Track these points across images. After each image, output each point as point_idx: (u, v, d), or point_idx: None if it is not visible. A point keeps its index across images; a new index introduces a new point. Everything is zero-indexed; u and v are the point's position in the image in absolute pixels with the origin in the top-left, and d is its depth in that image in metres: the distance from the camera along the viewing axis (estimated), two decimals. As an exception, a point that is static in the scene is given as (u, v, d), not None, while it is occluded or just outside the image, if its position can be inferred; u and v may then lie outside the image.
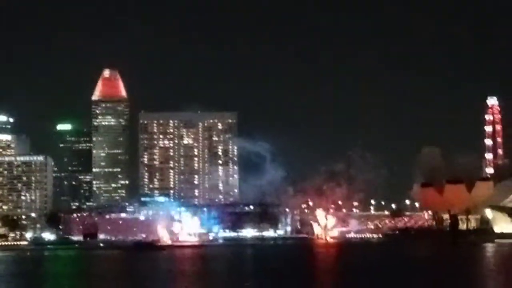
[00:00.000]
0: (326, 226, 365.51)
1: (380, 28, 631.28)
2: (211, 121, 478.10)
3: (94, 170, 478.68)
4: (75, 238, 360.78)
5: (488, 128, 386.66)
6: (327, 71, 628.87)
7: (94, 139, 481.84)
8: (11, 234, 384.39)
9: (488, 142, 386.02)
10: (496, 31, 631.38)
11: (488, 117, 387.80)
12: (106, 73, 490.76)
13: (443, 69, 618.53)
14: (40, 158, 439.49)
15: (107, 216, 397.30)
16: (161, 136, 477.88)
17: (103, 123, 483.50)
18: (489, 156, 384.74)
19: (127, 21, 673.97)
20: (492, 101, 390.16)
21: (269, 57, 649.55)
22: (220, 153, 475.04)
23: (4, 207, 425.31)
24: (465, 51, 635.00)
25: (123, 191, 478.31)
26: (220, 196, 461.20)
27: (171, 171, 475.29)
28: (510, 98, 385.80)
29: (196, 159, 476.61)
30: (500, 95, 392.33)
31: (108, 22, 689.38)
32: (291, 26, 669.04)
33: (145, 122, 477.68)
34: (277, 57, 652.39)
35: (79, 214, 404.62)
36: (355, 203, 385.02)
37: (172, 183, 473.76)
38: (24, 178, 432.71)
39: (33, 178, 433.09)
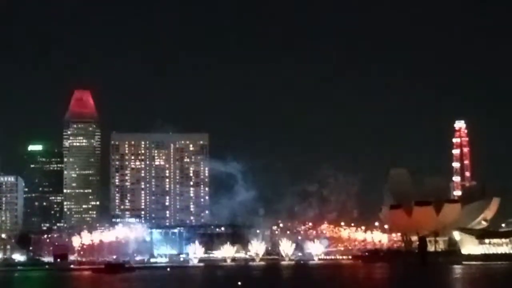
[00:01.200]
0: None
1: (356, 55, 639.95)
2: (183, 142, 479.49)
3: (65, 191, 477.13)
4: (45, 259, 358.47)
5: (456, 151, 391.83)
6: (300, 92, 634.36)
7: (65, 160, 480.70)
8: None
9: (456, 165, 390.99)
10: (463, 55, 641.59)
11: (456, 140, 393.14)
12: (78, 94, 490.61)
13: (413, 92, 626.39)
14: (11, 178, 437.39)
15: (78, 237, 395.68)
16: (132, 157, 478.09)
17: (75, 143, 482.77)
18: (457, 178, 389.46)
19: (98, 42, 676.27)
20: (460, 124, 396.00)
21: (240, 78, 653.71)
22: (191, 174, 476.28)
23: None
24: (433, 74, 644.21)
25: (94, 212, 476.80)
26: (192, 217, 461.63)
27: (142, 192, 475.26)
28: (476, 121, 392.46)
29: (167, 180, 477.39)
30: (467, 118, 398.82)
31: (78, 43, 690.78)
32: (263, 48, 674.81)
33: (117, 143, 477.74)
34: (248, 79, 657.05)
35: (49, 235, 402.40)
36: (325, 225, 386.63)
37: (143, 204, 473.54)
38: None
39: (3, 199, 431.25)
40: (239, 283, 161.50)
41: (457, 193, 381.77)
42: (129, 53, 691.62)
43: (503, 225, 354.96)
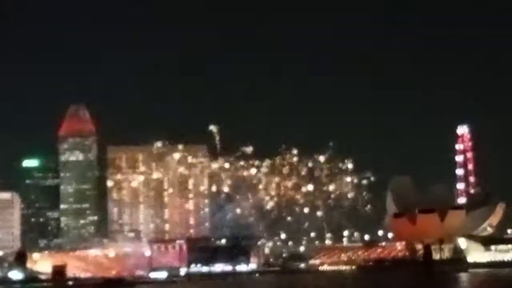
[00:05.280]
0: None
1: (360, 65, 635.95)
2: (182, 154, 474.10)
3: (62, 206, 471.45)
4: (43, 276, 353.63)
5: (459, 158, 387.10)
6: (304, 102, 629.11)
7: (61, 174, 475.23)
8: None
9: (460, 172, 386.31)
10: (466, 57, 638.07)
11: (459, 146, 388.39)
12: (73, 107, 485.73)
13: (415, 97, 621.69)
14: (7, 195, 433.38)
15: (76, 253, 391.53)
16: (130, 171, 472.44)
17: (71, 158, 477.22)
18: (461, 185, 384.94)
19: (94, 54, 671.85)
20: (462, 130, 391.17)
21: (240, 89, 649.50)
22: (190, 187, 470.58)
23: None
24: (436, 78, 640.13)
25: (92, 227, 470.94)
26: (191, 231, 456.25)
27: (141, 205, 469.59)
28: (480, 126, 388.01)
29: (166, 193, 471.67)
30: (470, 122, 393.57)
31: (74, 55, 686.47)
32: (263, 58, 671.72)
33: (114, 156, 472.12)
34: (250, 88, 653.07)
35: (47, 252, 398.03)
36: (328, 235, 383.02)
37: (142, 218, 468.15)
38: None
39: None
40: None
41: (462, 200, 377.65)
42: (127, 65, 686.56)
43: (509, 231, 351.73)
